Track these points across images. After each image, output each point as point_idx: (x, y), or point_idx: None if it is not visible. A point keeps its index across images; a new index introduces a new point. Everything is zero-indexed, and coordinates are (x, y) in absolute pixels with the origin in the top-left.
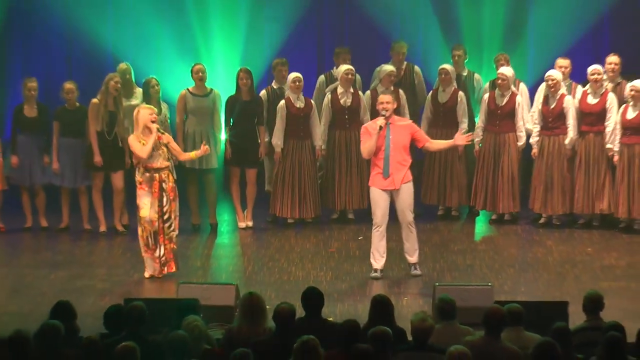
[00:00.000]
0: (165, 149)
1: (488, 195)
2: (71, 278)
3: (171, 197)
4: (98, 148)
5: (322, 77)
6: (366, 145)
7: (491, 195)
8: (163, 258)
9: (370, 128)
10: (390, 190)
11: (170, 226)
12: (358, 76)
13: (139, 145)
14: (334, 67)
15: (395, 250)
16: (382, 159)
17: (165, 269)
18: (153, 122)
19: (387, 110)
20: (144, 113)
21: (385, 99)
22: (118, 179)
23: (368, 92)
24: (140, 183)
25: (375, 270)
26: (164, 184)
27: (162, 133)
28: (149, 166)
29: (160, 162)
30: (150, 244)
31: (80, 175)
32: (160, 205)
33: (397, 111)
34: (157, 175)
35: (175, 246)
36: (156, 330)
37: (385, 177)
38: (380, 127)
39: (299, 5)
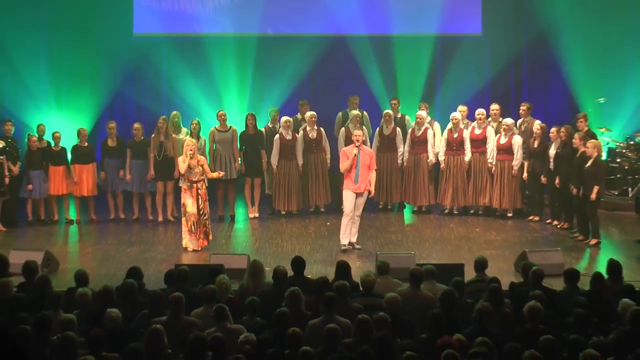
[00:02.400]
0: (201, 168)
1: (411, 194)
2: (140, 252)
3: (204, 199)
4: (154, 166)
5: (290, 119)
6: (344, 165)
7: (413, 193)
8: (200, 238)
9: (348, 153)
10: (356, 193)
11: (204, 217)
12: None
13: (182, 163)
14: (298, 114)
15: (367, 232)
16: (354, 173)
17: (201, 244)
18: (191, 151)
19: (358, 141)
20: (187, 145)
21: (358, 134)
22: (169, 187)
23: (343, 128)
24: (184, 190)
25: (344, 245)
26: (199, 190)
27: (199, 157)
28: (189, 179)
29: (197, 176)
30: (192, 229)
31: (144, 184)
32: (197, 204)
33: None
34: (195, 185)
35: (208, 230)
36: (195, 285)
37: (355, 184)
38: (355, 154)
39: (283, 72)
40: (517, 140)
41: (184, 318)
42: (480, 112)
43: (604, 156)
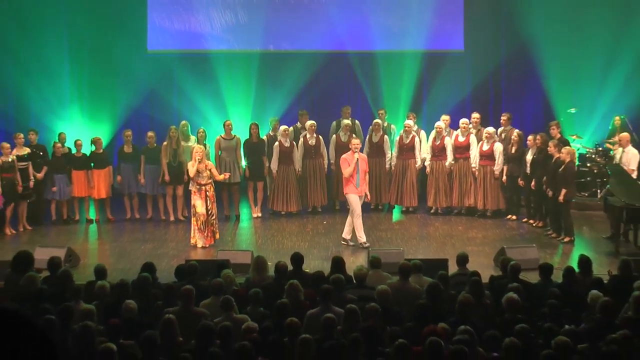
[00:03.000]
0: (208, 172)
1: (399, 195)
2: (153, 248)
3: (212, 200)
4: (167, 171)
5: (291, 128)
6: (348, 170)
7: (401, 195)
8: (208, 236)
9: (349, 159)
10: (360, 195)
11: (212, 217)
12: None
13: (191, 168)
14: (298, 123)
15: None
16: (355, 177)
17: (209, 242)
18: (199, 157)
19: (357, 148)
20: (196, 151)
21: (356, 142)
22: (180, 189)
23: (334, 136)
24: (194, 192)
25: (364, 242)
26: (207, 193)
27: (207, 162)
28: (198, 182)
29: (205, 180)
30: (201, 227)
31: (157, 187)
32: (206, 205)
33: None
34: (203, 187)
35: (215, 229)
36: (204, 279)
37: (357, 187)
38: (357, 160)
39: (283, 85)
40: (498, 147)
41: (194, 309)
42: (464, 121)
43: (576, 161)
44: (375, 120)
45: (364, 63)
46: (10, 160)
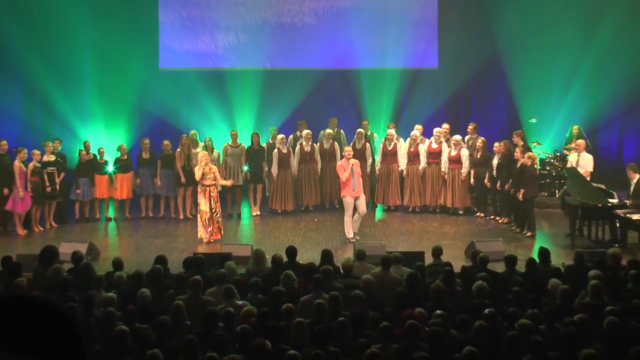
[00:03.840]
0: (212, 175)
1: (385, 196)
2: (165, 243)
3: (215, 200)
4: (182, 174)
5: (291, 136)
6: (345, 175)
7: (384, 195)
8: (213, 232)
9: (345, 166)
10: (354, 197)
11: (216, 215)
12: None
13: (197, 171)
14: (297, 131)
15: (338, 228)
16: (351, 181)
17: (214, 237)
18: (204, 161)
19: (351, 155)
20: (201, 157)
21: (349, 149)
22: (189, 191)
23: (318, 143)
24: (199, 192)
25: (350, 238)
26: (211, 193)
27: (212, 167)
28: (203, 184)
29: (209, 181)
30: (206, 224)
31: (171, 189)
32: (210, 204)
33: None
34: (208, 188)
35: (220, 225)
36: (209, 269)
37: (353, 190)
38: (352, 165)
39: (281, 98)
40: (465, 153)
41: (201, 297)
42: (437, 130)
43: (537, 165)
44: (358, 130)
45: (350, 79)
46: (38, 165)
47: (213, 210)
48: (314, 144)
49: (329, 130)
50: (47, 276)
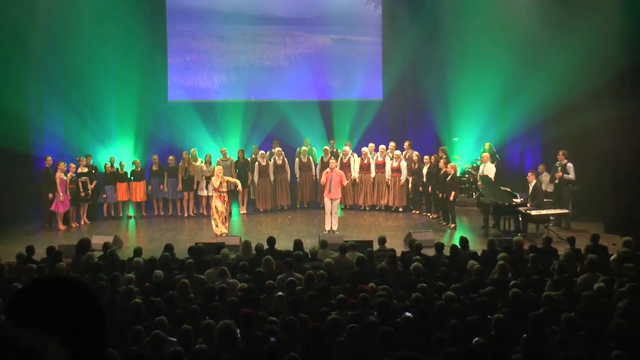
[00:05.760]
0: (226, 184)
1: (343, 197)
2: (173, 235)
3: (229, 203)
4: (181, 182)
5: (269, 152)
6: (322, 180)
7: (343, 197)
8: (225, 227)
9: (325, 174)
10: (330, 199)
11: (230, 214)
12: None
13: (216, 182)
14: (272, 148)
15: (306, 223)
16: (328, 185)
17: (225, 231)
18: (221, 174)
19: (334, 166)
20: (217, 171)
21: (333, 161)
22: (191, 195)
23: (297, 158)
24: (217, 197)
25: (326, 230)
26: (225, 198)
27: (226, 177)
28: (219, 190)
29: (224, 188)
30: (224, 221)
31: (175, 193)
32: (224, 206)
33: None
34: (223, 194)
35: (228, 221)
36: (207, 255)
37: (329, 192)
38: (328, 174)
39: (261, 123)
40: (403, 164)
41: (198, 276)
42: (382, 148)
43: (458, 173)
44: (324, 147)
45: (318, 108)
46: (74, 176)
47: (226, 210)
48: (285, 158)
49: (304, 148)
50: (82, 261)
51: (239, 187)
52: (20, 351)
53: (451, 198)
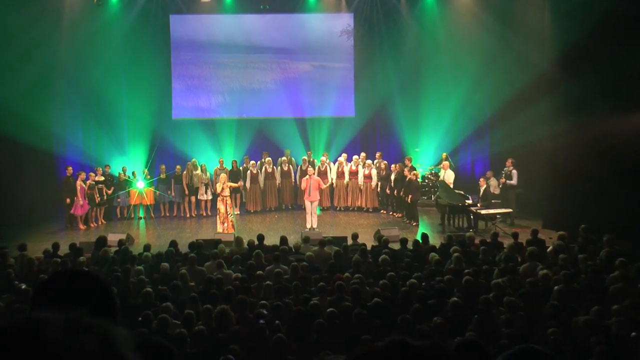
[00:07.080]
0: (229, 189)
1: (320, 199)
2: (177, 233)
3: (230, 205)
4: (186, 188)
5: (259, 162)
6: (303, 185)
7: (320, 199)
8: (228, 227)
9: (305, 180)
10: (310, 201)
11: (231, 216)
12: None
13: (219, 187)
14: (262, 158)
15: (290, 222)
16: (308, 189)
17: (229, 230)
18: (223, 181)
19: (312, 174)
20: (221, 177)
21: (311, 171)
22: (193, 199)
23: (278, 167)
24: (219, 200)
25: (308, 228)
26: (227, 201)
27: (228, 183)
28: (222, 195)
29: (226, 193)
30: (223, 222)
31: (181, 197)
32: (226, 208)
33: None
34: (225, 197)
35: (233, 223)
36: (206, 249)
37: (309, 195)
38: (307, 180)
39: (251, 137)
40: (374, 172)
41: (198, 267)
42: (355, 158)
43: (419, 178)
44: (303, 157)
45: (299, 123)
46: (93, 183)
47: (228, 213)
48: (274, 167)
49: (284, 158)
50: (99, 256)
51: (241, 187)
52: (96, 336)
53: (408, 200)
